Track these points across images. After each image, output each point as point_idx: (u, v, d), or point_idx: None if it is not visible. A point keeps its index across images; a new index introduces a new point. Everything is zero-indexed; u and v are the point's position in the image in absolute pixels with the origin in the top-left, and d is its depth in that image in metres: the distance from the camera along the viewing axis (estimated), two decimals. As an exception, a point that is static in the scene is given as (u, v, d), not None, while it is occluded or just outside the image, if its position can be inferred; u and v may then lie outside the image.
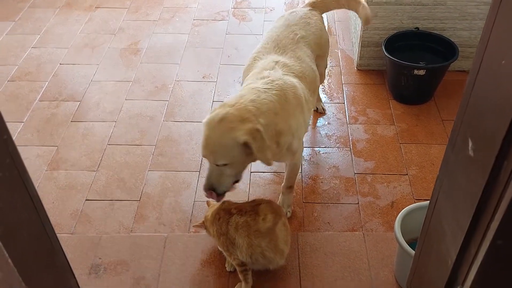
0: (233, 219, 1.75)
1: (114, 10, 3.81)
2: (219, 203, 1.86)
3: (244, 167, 1.76)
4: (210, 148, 1.65)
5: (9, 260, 0.96)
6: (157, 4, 3.84)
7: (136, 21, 3.65)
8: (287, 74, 1.92)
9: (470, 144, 0.93)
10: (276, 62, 1.97)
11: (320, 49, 2.29)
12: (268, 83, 1.80)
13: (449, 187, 1.04)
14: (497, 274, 0.91)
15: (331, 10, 2.52)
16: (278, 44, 2.10)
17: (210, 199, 1.83)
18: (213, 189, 1.72)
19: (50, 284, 1.21)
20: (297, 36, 2.14)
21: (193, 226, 2.09)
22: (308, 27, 2.23)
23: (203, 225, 1.89)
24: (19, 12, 3.77)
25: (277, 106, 1.74)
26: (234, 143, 1.61)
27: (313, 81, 2.12)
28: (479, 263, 0.91)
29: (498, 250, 0.87)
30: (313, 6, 2.37)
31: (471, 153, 0.93)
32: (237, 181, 1.77)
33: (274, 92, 1.77)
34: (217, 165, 1.68)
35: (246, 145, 1.61)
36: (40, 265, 1.15)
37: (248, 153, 1.65)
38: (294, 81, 1.91)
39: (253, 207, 1.76)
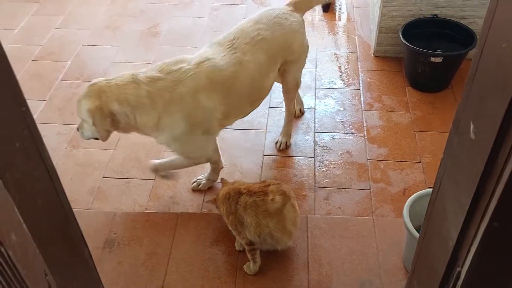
0: (242, 199, 1.79)
1: (136, -8, 3.85)
2: (232, 183, 1.91)
3: (99, 132, 1.90)
4: (77, 102, 1.92)
5: (24, 226, 1.01)
6: (177, -12, 3.87)
7: (157, 4, 3.69)
8: (195, 77, 1.91)
9: (472, 127, 0.95)
10: (204, 61, 1.96)
11: (291, 54, 2.22)
12: (154, 76, 1.90)
13: (452, 169, 1.06)
14: (494, 257, 0.93)
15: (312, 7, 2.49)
16: (235, 40, 2.06)
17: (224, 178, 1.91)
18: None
19: (64, 252, 1.26)
20: (259, 37, 2.07)
21: (206, 201, 2.14)
22: (279, 28, 2.15)
23: (214, 202, 1.93)
24: (43, -7, 3.84)
25: (139, 99, 1.86)
26: (83, 108, 1.87)
27: (254, 91, 2.10)
28: (476, 245, 0.93)
29: (494, 233, 0.89)
30: (294, 6, 2.28)
31: (472, 135, 0.95)
32: (96, 138, 1.99)
33: (147, 86, 1.87)
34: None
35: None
36: (54, 233, 1.19)
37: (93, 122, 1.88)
38: (194, 85, 1.90)
39: (263, 188, 1.80)
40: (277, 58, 2.18)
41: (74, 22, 3.51)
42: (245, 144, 2.56)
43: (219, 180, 2.20)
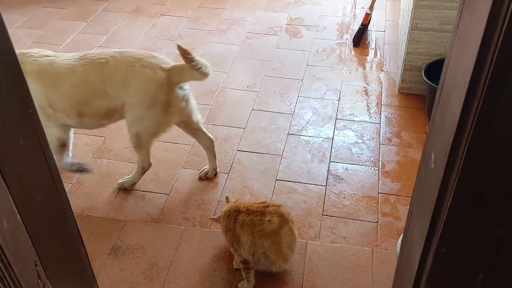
0: (240, 217, 1.85)
1: (177, 18, 4.05)
2: (234, 201, 1.98)
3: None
4: None
5: (18, 217, 1.10)
6: (216, 16, 4.05)
7: (194, 30, 3.87)
8: (31, 63, 2.14)
9: (433, 156, 0.99)
10: (49, 55, 2.20)
11: (128, 95, 2.16)
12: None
13: (419, 198, 1.10)
14: (442, 282, 0.95)
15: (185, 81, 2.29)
16: (85, 55, 2.20)
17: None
18: None
19: (59, 249, 1.34)
20: (103, 60, 2.15)
21: (210, 218, 2.21)
22: (127, 64, 2.14)
23: (218, 219, 2.00)
24: (92, 14, 4.10)
25: None
26: None
27: (79, 102, 2.19)
28: (428, 272, 0.96)
29: (442, 258, 0.92)
30: (168, 74, 2.18)
31: (433, 165, 0.99)
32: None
33: None
34: None
35: None
36: (50, 229, 1.27)
37: None
38: (27, 69, 2.10)
39: (261, 208, 1.86)
40: (112, 90, 2.18)
41: (115, 42, 3.73)
42: (260, 168, 2.63)
43: (222, 198, 2.24)
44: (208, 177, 2.56)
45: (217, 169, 2.59)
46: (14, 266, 1.10)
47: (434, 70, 2.85)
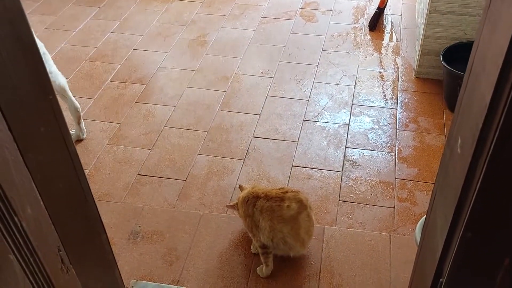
0: (259, 203, 1.85)
1: (190, 3, 4.02)
2: (252, 187, 1.98)
3: None
4: None
5: (41, 203, 1.11)
6: (229, 1, 4.02)
7: (208, 15, 3.85)
8: None
9: (459, 141, 0.97)
10: None
11: None
12: None
13: (443, 182, 1.08)
14: (469, 268, 0.95)
15: None
16: None
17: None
18: None
19: (80, 234, 1.36)
20: None
21: (226, 206, 2.21)
22: None
23: (236, 206, 2.01)
24: (104, 0, 4.09)
25: None
26: None
27: None
28: (453, 256, 0.96)
29: (468, 244, 0.91)
30: None
31: (459, 150, 0.97)
32: None
33: None
34: None
35: None
36: (72, 215, 1.29)
37: None
38: None
39: (280, 194, 1.85)
40: None
41: (128, 28, 3.72)
42: (276, 154, 2.63)
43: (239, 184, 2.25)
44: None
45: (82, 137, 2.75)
46: (39, 251, 1.12)
47: (452, 54, 2.81)
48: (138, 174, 2.54)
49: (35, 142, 1.09)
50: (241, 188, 2.08)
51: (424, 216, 1.84)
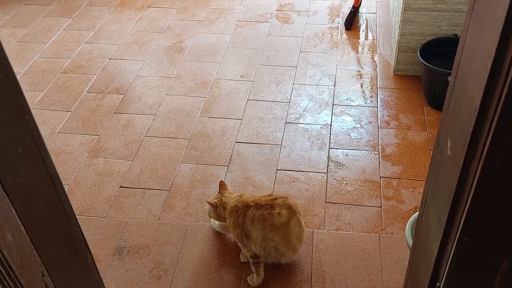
0: (250, 212, 1.82)
1: (164, 9, 3.98)
2: (239, 195, 1.95)
3: None
4: None
5: (22, 228, 1.07)
6: (204, 5, 3.98)
7: (183, 21, 3.80)
8: None
9: (449, 144, 0.96)
10: None
11: None
12: None
13: (434, 185, 1.07)
14: (467, 272, 0.93)
15: None
16: None
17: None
18: None
19: (65, 256, 1.31)
20: None
21: (206, 201, 2.12)
22: None
23: (215, 205, 1.95)
24: (76, 10, 4.01)
25: None
26: None
27: None
28: (450, 260, 0.94)
29: (465, 248, 0.89)
30: None
31: (449, 152, 0.96)
32: None
33: None
34: None
35: None
36: (55, 237, 1.24)
37: None
38: None
39: (270, 201, 1.83)
40: None
41: (103, 37, 3.66)
42: (260, 158, 2.60)
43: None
44: None
45: None
46: (22, 279, 1.07)
47: (429, 50, 2.82)
48: (120, 187, 2.49)
49: (13, 164, 1.05)
50: (221, 185, 2.03)
51: (413, 215, 1.84)
